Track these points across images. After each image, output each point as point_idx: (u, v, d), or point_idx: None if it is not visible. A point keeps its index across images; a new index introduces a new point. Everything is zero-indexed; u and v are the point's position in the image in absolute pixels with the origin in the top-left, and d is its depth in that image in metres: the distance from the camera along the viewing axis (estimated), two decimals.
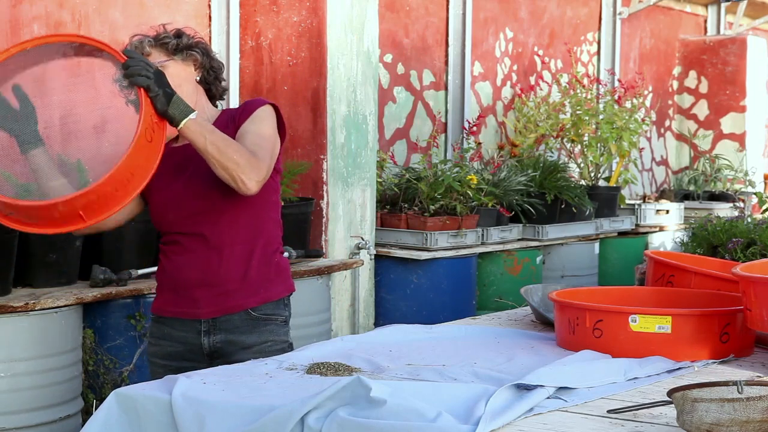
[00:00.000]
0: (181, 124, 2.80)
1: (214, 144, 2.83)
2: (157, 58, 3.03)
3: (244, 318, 3.08)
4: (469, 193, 6.20)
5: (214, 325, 3.08)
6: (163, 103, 2.77)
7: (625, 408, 2.32)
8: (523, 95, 7.98)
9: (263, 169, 2.90)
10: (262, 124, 3.03)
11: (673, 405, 2.18)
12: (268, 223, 3.12)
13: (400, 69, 7.22)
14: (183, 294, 3.09)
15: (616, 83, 8.66)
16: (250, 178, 2.86)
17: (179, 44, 3.07)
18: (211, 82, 3.17)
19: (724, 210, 8.30)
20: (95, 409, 2.55)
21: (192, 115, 2.82)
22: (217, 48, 5.81)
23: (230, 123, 3.07)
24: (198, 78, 3.12)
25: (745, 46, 10.10)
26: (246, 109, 3.08)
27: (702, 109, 10.27)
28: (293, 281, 3.24)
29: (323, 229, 5.70)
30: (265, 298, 3.10)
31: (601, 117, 7.71)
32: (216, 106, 3.22)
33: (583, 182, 7.67)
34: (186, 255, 3.07)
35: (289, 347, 3.15)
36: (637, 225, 8.04)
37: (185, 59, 3.08)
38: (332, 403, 2.25)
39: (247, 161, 2.86)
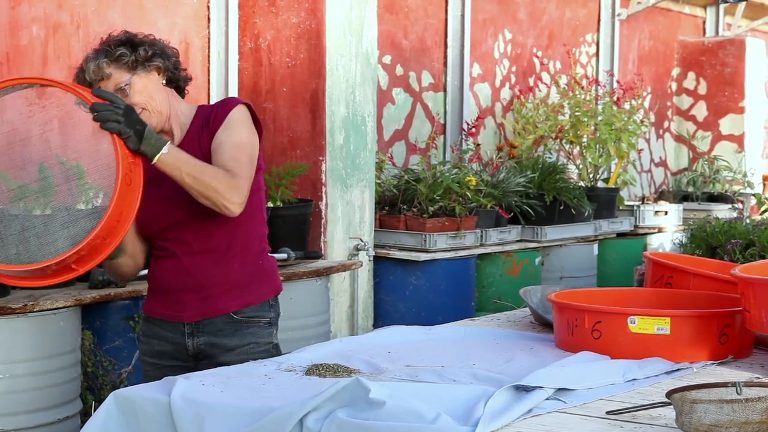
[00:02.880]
0: (155, 159, 2.83)
1: (190, 175, 2.86)
2: (119, 78, 2.99)
3: (226, 321, 3.10)
4: (468, 194, 6.20)
5: (197, 327, 3.11)
6: (135, 142, 2.80)
7: (624, 409, 2.32)
8: (521, 96, 7.98)
9: (244, 188, 2.93)
10: (238, 130, 3.02)
11: (672, 406, 2.18)
12: (251, 224, 3.12)
13: (399, 70, 7.22)
14: (168, 297, 3.12)
15: (615, 84, 8.66)
16: (231, 201, 2.90)
17: (137, 58, 3.01)
18: (177, 79, 3.13)
19: (722, 211, 8.29)
20: (94, 411, 2.55)
21: (164, 149, 2.83)
22: (215, 49, 5.81)
23: (205, 127, 3.06)
24: (164, 81, 3.08)
25: (744, 47, 10.10)
26: (219, 113, 3.05)
27: (701, 111, 10.27)
28: (281, 281, 3.25)
29: (322, 230, 5.70)
30: (247, 302, 3.11)
31: (599, 118, 7.71)
32: (183, 97, 3.19)
33: (581, 183, 7.67)
34: (170, 260, 3.10)
35: (274, 348, 3.16)
36: (635, 226, 8.04)
37: (148, 70, 3.03)
38: (331, 405, 2.25)
39: (226, 185, 2.89)
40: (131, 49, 3.02)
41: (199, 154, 2.99)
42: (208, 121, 3.07)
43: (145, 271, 4.63)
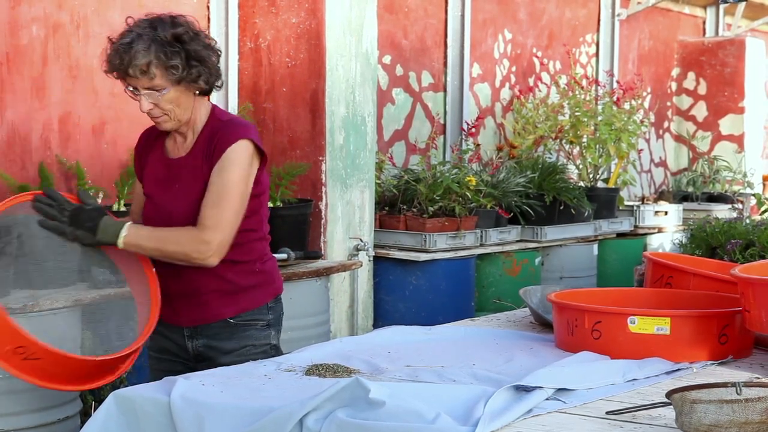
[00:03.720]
0: (119, 245, 2.93)
1: (154, 250, 2.98)
2: (158, 82, 2.95)
3: (222, 325, 3.11)
4: (468, 194, 6.20)
5: (195, 330, 3.13)
6: (90, 238, 2.92)
7: (624, 409, 2.32)
8: (521, 96, 7.98)
9: (214, 239, 2.95)
10: (229, 172, 2.99)
11: (671, 406, 2.18)
12: (250, 234, 3.13)
13: (399, 70, 7.22)
14: (164, 301, 3.11)
15: (615, 85, 8.66)
16: (203, 258, 2.96)
17: (187, 76, 2.97)
18: (211, 90, 3.11)
19: (722, 211, 8.29)
20: (94, 411, 2.55)
21: (122, 233, 2.92)
22: None
23: (207, 152, 3.03)
24: (197, 92, 3.06)
25: (744, 47, 10.10)
26: (219, 145, 3.01)
27: (701, 111, 10.27)
28: (281, 282, 3.25)
29: (322, 230, 5.70)
30: (243, 307, 3.12)
31: (599, 118, 7.71)
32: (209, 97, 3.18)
33: (581, 183, 7.67)
34: (167, 265, 3.11)
35: (272, 349, 3.16)
36: (635, 226, 8.04)
37: (188, 87, 3.01)
38: (331, 405, 2.25)
39: (192, 246, 2.95)
40: (185, 64, 2.96)
41: (200, 177, 3.02)
42: (211, 145, 3.03)
43: None
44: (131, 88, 2.98)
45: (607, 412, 2.32)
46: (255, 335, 3.13)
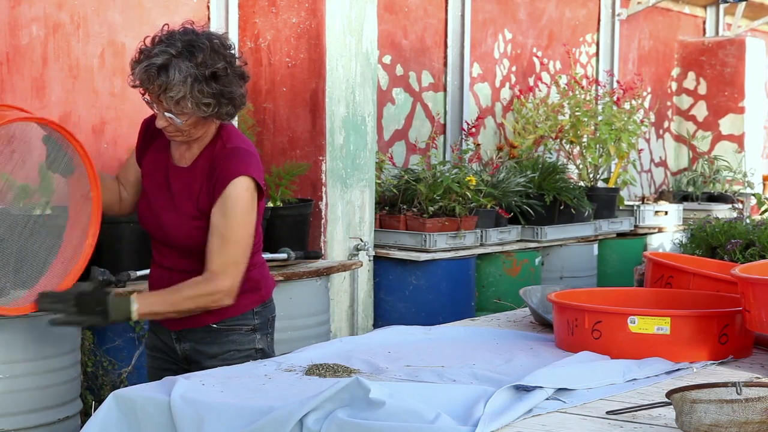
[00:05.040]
0: (133, 319, 2.97)
1: (170, 313, 3.01)
2: (185, 112, 2.92)
3: (206, 330, 3.13)
4: (468, 194, 6.20)
5: (181, 334, 3.15)
6: (104, 320, 2.95)
7: (624, 409, 2.32)
8: (521, 96, 7.98)
9: (228, 284, 2.98)
10: (232, 212, 2.97)
11: (672, 406, 2.18)
12: None
13: (399, 70, 7.22)
14: None
15: (615, 84, 8.66)
16: (221, 303, 3.00)
17: (216, 113, 2.96)
18: (234, 116, 3.11)
19: (722, 211, 8.29)
20: (94, 411, 2.54)
21: (134, 308, 2.94)
22: None
23: (210, 175, 3.01)
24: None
25: (744, 47, 10.10)
26: (221, 178, 2.98)
27: (701, 111, 10.27)
28: (271, 285, 3.24)
29: (322, 230, 5.70)
30: (226, 314, 3.11)
31: (599, 118, 7.71)
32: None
33: (581, 183, 7.67)
34: (159, 269, 3.16)
35: (258, 353, 3.15)
36: (636, 226, 8.04)
37: (212, 118, 2.99)
38: (331, 405, 2.25)
39: (208, 298, 2.99)
40: (217, 102, 2.94)
41: (194, 195, 3.02)
42: (213, 173, 3.01)
43: (148, 271, 4.63)
44: (150, 101, 2.96)
45: (608, 412, 2.32)
46: (238, 340, 3.13)
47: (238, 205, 2.97)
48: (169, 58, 2.89)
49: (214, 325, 3.11)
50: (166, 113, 2.94)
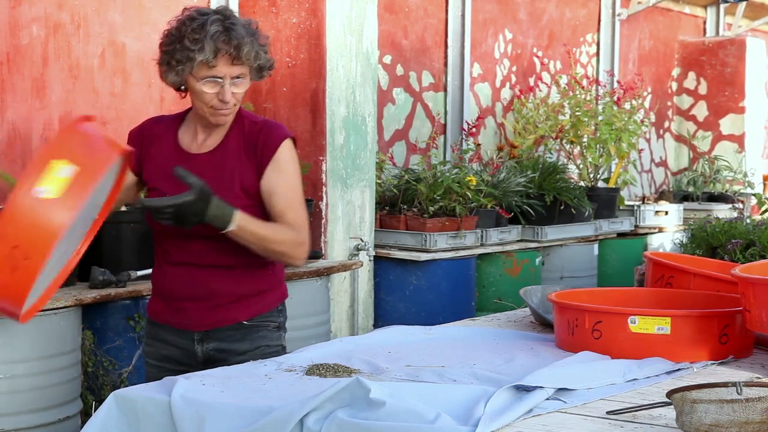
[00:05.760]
0: (229, 229, 2.87)
1: (260, 241, 2.93)
2: (245, 71, 2.94)
3: (236, 327, 3.07)
4: (469, 194, 6.20)
5: (206, 334, 3.07)
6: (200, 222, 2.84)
7: (625, 409, 2.32)
8: (522, 96, 7.98)
9: (306, 240, 3.02)
10: (289, 173, 3.01)
11: (672, 406, 2.18)
12: None
13: (400, 70, 7.22)
14: (172, 305, 3.07)
15: (615, 84, 8.66)
16: (299, 259, 3.01)
17: (260, 71, 3.00)
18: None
19: (723, 211, 8.29)
20: (94, 411, 2.54)
21: (235, 219, 2.86)
22: None
23: (248, 149, 3.01)
24: None
25: (744, 47, 10.10)
26: (267, 144, 3.00)
27: (701, 111, 10.27)
28: (286, 286, 3.23)
29: (322, 230, 5.70)
30: (256, 311, 3.09)
31: (600, 118, 7.71)
32: None
33: (582, 183, 7.67)
34: (177, 268, 3.05)
35: (283, 351, 3.14)
36: (636, 226, 8.04)
37: (255, 80, 3.03)
38: (331, 405, 2.25)
39: (293, 246, 2.98)
40: (265, 56, 2.99)
41: (235, 174, 2.97)
42: (251, 144, 3.01)
43: (148, 271, 4.63)
44: (211, 78, 2.91)
45: (608, 412, 2.32)
46: (269, 336, 3.10)
47: (291, 165, 3.02)
48: (221, 20, 2.90)
49: (246, 322, 3.07)
50: (231, 80, 2.91)
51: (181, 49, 2.90)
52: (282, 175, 3.00)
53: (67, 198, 2.31)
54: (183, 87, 3.01)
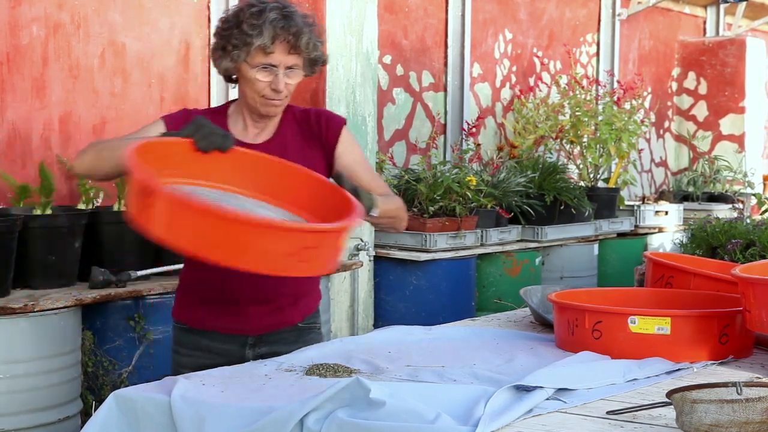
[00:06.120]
0: (372, 216, 2.82)
1: (394, 218, 2.94)
2: (297, 63, 2.89)
3: (291, 330, 3.05)
4: (469, 194, 6.20)
5: (260, 338, 3.02)
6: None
7: (625, 409, 2.32)
8: (522, 96, 7.98)
9: None
10: (358, 150, 3.08)
11: (672, 406, 2.18)
12: None
13: (400, 70, 7.22)
14: (230, 310, 2.97)
15: (615, 84, 8.66)
16: (405, 220, 3.04)
17: (314, 63, 2.95)
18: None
19: (723, 211, 8.29)
20: (94, 411, 2.54)
21: (378, 205, 2.81)
22: None
23: (310, 137, 2.99)
24: None
25: (744, 47, 10.10)
26: (330, 128, 3.03)
27: (701, 111, 10.27)
28: None
29: None
30: (306, 312, 3.09)
31: (600, 118, 7.71)
32: None
33: (582, 183, 7.67)
34: (242, 273, 2.79)
35: None
36: (636, 226, 8.04)
37: (308, 73, 2.98)
38: (331, 405, 2.25)
39: (404, 213, 3.02)
40: (322, 58, 2.96)
41: (298, 160, 2.87)
42: (311, 131, 3.01)
43: (149, 271, 4.62)
44: (266, 65, 2.85)
45: (608, 412, 2.32)
46: (316, 338, 3.10)
47: (357, 144, 3.09)
48: (280, 8, 2.85)
49: (300, 324, 3.05)
50: (285, 70, 2.87)
51: (238, 33, 2.84)
52: (356, 151, 3.06)
53: None
54: (234, 76, 2.95)
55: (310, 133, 3.01)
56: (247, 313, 2.99)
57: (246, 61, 2.86)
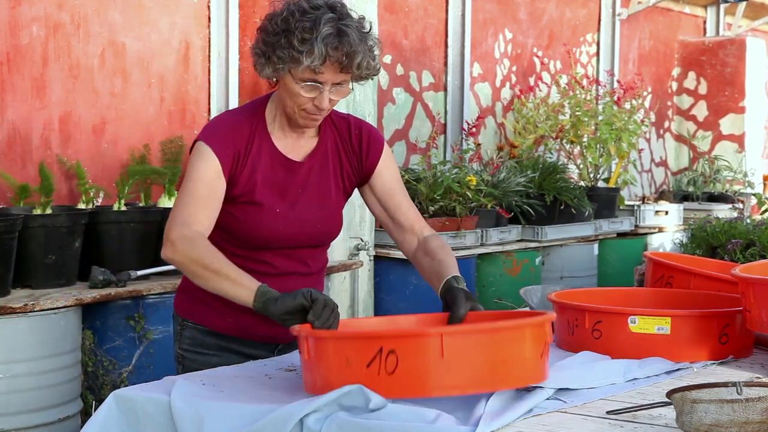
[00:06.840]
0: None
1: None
2: (345, 79, 2.66)
3: None
4: (469, 194, 6.20)
5: (289, 346, 2.98)
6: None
7: (625, 409, 2.32)
8: (522, 96, 7.99)
9: None
10: (397, 171, 2.96)
11: (672, 406, 2.18)
12: None
13: (400, 70, 7.22)
14: (263, 319, 2.68)
15: (615, 84, 8.66)
16: None
17: (375, 68, 2.71)
18: None
19: (723, 211, 8.29)
20: (94, 411, 2.54)
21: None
22: (216, 49, 5.81)
23: (349, 150, 2.87)
24: None
25: (744, 47, 10.10)
26: (372, 146, 2.87)
27: (701, 110, 10.27)
28: None
29: None
30: None
31: (600, 118, 7.72)
32: None
33: (582, 183, 7.67)
34: (281, 278, 2.80)
35: None
36: (636, 226, 8.04)
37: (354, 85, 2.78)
38: (331, 409, 2.25)
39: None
40: (375, 72, 2.71)
41: (337, 178, 2.83)
42: (351, 146, 2.87)
43: (148, 271, 4.62)
44: (312, 83, 2.63)
45: (608, 412, 2.32)
46: None
47: (396, 164, 2.97)
48: (335, 20, 2.58)
49: None
50: (337, 86, 2.66)
51: (286, 45, 2.59)
52: (394, 170, 2.93)
53: None
54: (275, 79, 2.73)
55: (350, 146, 2.87)
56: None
57: (291, 73, 2.63)
